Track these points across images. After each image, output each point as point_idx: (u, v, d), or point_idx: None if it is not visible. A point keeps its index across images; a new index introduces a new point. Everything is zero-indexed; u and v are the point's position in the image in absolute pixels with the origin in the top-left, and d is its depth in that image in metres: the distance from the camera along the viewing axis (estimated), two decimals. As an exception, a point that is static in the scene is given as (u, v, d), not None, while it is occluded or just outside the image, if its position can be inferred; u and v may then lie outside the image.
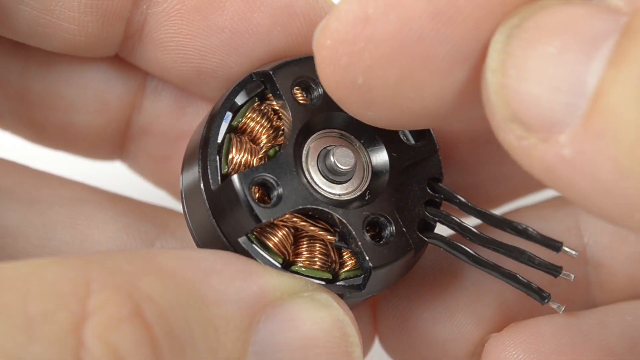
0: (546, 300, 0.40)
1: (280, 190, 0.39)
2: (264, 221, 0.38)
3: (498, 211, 0.45)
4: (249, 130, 0.41)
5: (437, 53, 0.34)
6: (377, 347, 0.47)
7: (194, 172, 0.40)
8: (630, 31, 0.32)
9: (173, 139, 0.48)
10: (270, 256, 0.39)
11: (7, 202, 0.45)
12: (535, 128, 0.33)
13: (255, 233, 0.39)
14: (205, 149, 0.39)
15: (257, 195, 0.39)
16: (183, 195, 0.41)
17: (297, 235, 0.40)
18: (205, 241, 0.40)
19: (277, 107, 0.41)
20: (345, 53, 0.35)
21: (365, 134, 0.41)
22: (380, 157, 0.41)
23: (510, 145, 0.34)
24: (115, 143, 0.49)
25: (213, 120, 0.40)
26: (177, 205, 0.47)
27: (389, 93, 0.35)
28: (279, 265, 0.39)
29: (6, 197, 0.46)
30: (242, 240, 0.39)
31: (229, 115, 0.40)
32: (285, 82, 0.41)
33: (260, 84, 0.41)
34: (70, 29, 0.44)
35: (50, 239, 0.46)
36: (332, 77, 0.36)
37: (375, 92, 0.36)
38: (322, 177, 0.41)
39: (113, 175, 0.55)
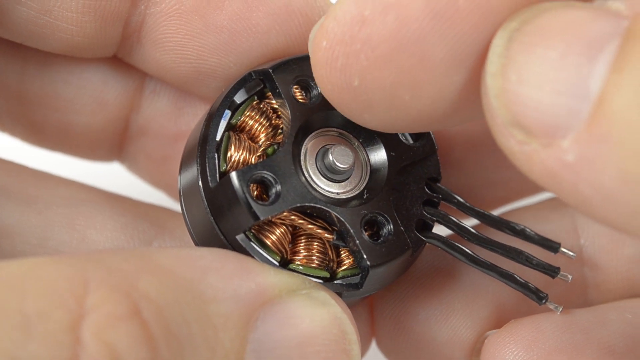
0: (544, 301, 0.40)
1: (278, 187, 0.39)
2: (262, 218, 0.38)
3: (496, 212, 0.45)
4: (247, 128, 0.41)
5: (435, 54, 0.34)
6: (374, 348, 0.47)
7: (192, 170, 0.40)
8: (632, 35, 0.32)
9: (171, 140, 0.48)
10: (268, 254, 0.39)
11: (5, 202, 0.45)
12: (536, 133, 0.32)
13: (253, 231, 0.39)
14: (203, 147, 0.39)
15: (255, 192, 0.39)
16: (181, 194, 0.41)
17: (295, 234, 0.40)
18: (203, 239, 0.40)
19: (276, 106, 0.41)
20: (341, 54, 0.35)
21: (363, 133, 0.42)
22: (379, 156, 0.41)
23: (510, 150, 0.34)
24: (113, 144, 0.49)
25: (212, 118, 0.40)
26: (175, 206, 0.47)
27: (385, 95, 0.35)
28: (276, 263, 0.39)
29: (4, 197, 0.46)
30: (240, 237, 0.39)
31: (227, 113, 0.40)
32: (284, 80, 0.41)
33: (260, 82, 0.41)
34: (68, 30, 0.43)
35: (48, 239, 0.45)
36: (328, 79, 0.36)
37: (371, 94, 0.36)
38: (320, 176, 0.41)
39: (111, 176, 0.55)
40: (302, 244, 0.40)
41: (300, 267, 0.40)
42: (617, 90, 0.31)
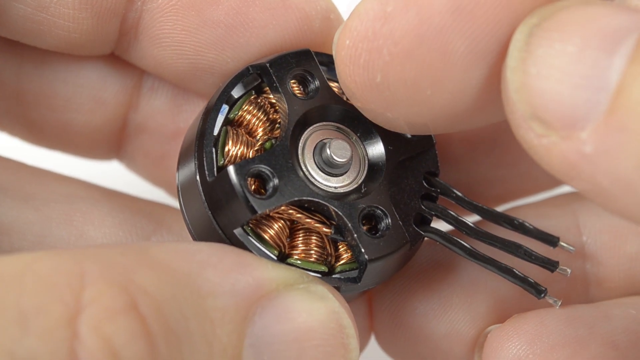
0: (543, 295, 0.40)
1: (275, 181, 0.39)
2: (259, 212, 0.38)
3: (497, 209, 0.45)
4: (245, 123, 0.41)
5: (456, 48, 0.35)
6: (373, 343, 0.47)
7: (190, 165, 0.40)
8: None
9: (170, 137, 0.48)
10: (266, 248, 0.39)
11: (3, 199, 0.45)
12: (556, 125, 0.33)
13: (251, 225, 0.39)
14: (201, 141, 0.39)
15: (252, 187, 0.39)
16: (179, 189, 0.41)
17: (293, 228, 0.40)
18: (201, 234, 0.40)
19: (273, 100, 0.41)
20: (364, 50, 0.36)
21: (361, 127, 0.41)
22: (377, 150, 0.41)
23: (530, 143, 0.34)
24: (112, 142, 0.49)
25: (209, 113, 0.40)
26: (173, 203, 0.47)
27: (407, 91, 0.36)
28: (274, 258, 0.39)
29: (1, 194, 0.45)
30: (237, 232, 0.38)
31: (225, 108, 0.40)
32: (282, 75, 0.41)
33: (257, 77, 0.41)
34: (65, 26, 0.43)
35: (46, 236, 0.45)
36: (351, 76, 0.37)
37: (393, 90, 0.36)
38: (318, 170, 0.40)
39: (110, 174, 0.55)
40: (300, 238, 0.40)
41: (298, 262, 0.39)
42: (635, 82, 0.31)
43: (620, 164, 0.32)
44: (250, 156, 0.40)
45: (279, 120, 0.41)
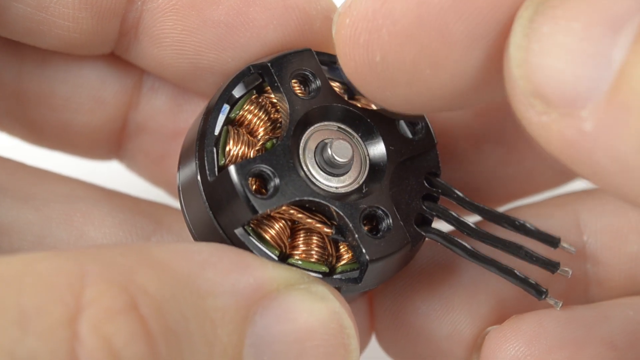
0: (544, 296, 0.40)
1: (277, 181, 0.38)
2: (260, 212, 0.38)
3: (498, 210, 0.45)
4: (246, 122, 0.41)
5: (456, 29, 0.34)
6: (374, 344, 0.47)
7: (191, 165, 0.40)
8: None
9: (170, 137, 0.48)
10: (266, 248, 0.39)
11: (2, 199, 0.45)
12: (556, 103, 0.32)
13: (252, 225, 0.39)
14: (202, 141, 0.39)
15: (254, 186, 0.39)
16: (180, 189, 0.41)
17: (294, 228, 0.40)
18: (202, 234, 0.40)
19: (274, 100, 0.41)
20: (364, 30, 0.36)
21: (363, 127, 0.41)
22: (378, 150, 0.41)
23: (529, 120, 0.34)
24: (112, 142, 0.49)
25: (210, 113, 0.40)
26: (173, 203, 0.47)
27: (406, 70, 0.36)
28: (275, 258, 0.39)
29: (1, 194, 0.45)
30: (238, 232, 0.38)
31: (226, 107, 0.40)
32: (283, 74, 0.41)
33: (258, 76, 0.41)
34: (65, 26, 0.43)
35: (46, 236, 0.45)
36: (351, 56, 0.36)
37: (392, 70, 0.36)
38: (319, 170, 0.40)
39: (110, 174, 0.55)
40: (301, 239, 0.40)
41: (299, 262, 0.39)
42: (639, 61, 0.31)
43: (620, 143, 0.31)
44: (251, 156, 0.40)
45: (280, 120, 0.41)
